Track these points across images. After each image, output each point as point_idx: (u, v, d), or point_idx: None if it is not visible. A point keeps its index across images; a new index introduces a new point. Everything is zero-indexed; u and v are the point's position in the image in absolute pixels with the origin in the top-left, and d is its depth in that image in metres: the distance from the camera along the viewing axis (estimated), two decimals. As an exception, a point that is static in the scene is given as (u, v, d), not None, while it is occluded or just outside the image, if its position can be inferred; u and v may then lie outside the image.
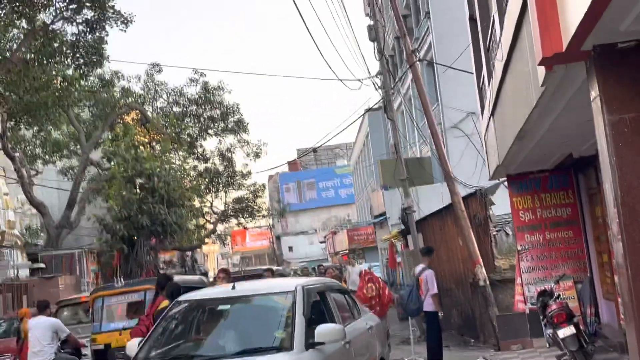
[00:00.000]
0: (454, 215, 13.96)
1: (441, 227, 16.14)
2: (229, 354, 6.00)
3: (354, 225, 49.51)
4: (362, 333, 7.75)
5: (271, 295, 6.95)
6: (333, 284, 8.31)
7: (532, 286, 11.33)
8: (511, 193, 11.75)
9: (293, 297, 6.52)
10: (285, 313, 6.45)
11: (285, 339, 6.05)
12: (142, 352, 6.35)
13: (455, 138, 21.88)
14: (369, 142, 41.16)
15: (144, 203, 19.95)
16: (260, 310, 6.87)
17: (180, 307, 7.03)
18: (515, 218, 11.69)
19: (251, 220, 34.45)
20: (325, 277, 12.59)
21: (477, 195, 13.71)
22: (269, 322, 6.59)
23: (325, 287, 7.55)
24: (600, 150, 4.67)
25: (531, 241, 11.53)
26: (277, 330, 6.29)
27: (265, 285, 7.80)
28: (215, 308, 7.14)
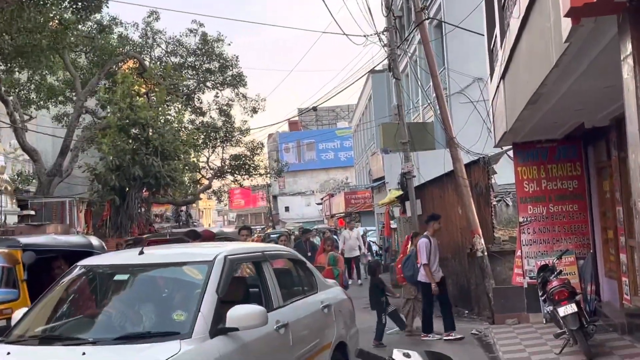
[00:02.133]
0: (455, 183, 13.71)
1: (441, 194, 15.86)
2: (107, 339, 4.81)
3: (351, 189, 49.32)
4: (311, 313, 6.68)
5: (182, 266, 5.63)
6: (278, 252, 7.25)
7: (532, 260, 11.08)
8: (516, 162, 11.43)
9: (208, 270, 5.34)
10: (194, 289, 5.25)
11: (185, 323, 4.87)
12: (19, 326, 5.31)
13: (461, 104, 21.49)
14: (371, 104, 40.71)
15: (137, 154, 19.54)
16: (165, 284, 5.71)
17: (73, 274, 5.86)
18: (519, 188, 11.38)
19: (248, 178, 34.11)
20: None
21: (480, 163, 13.44)
22: (171, 300, 5.42)
23: (263, 257, 6.32)
24: (628, 117, 4.20)
25: (534, 213, 11.24)
26: (177, 311, 5.11)
27: (179, 253, 6.27)
28: (112, 278, 5.89)
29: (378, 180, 30.59)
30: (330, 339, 6.92)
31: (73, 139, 22.81)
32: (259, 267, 6.18)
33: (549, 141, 11.14)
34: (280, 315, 5.89)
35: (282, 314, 5.94)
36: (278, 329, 5.71)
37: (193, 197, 31.57)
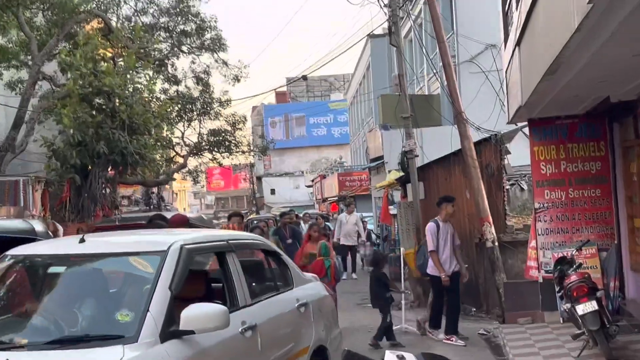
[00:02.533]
0: (463, 164, 13.74)
1: (447, 176, 15.90)
2: (37, 343, 4.55)
3: (346, 169, 49.35)
4: (285, 313, 6.55)
5: (130, 257, 5.34)
6: (247, 242, 6.97)
7: (549, 251, 11.14)
8: (532, 141, 11.47)
9: (160, 261, 5.09)
10: (143, 285, 5.02)
11: (130, 325, 4.63)
12: None
13: (471, 74, 21.53)
14: (370, 74, 40.65)
15: (101, 127, 19.38)
16: (108, 279, 5.46)
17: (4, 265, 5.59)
18: (535, 171, 11.42)
19: (228, 157, 34.01)
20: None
21: (492, 141, 13.47)
22: (115, 297, 5.18)
23: (227, 247, 6.07)
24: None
25: (551, 199, 11.29)
26: (121, 310, 4.84)
27: (127, 241, 5.95)
28: (46, 271, 5.59)
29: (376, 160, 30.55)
30: (307, 343, 6.76)
31: (28, 110, 22.65)
32: (223, 258, 5.94)
33: (570, 117, 11.16)
34: (247, 315, 5.73)
35: (250, 314, 5.78)
36: (244, 332, 5.53)
37: (166, 177, 31.48)
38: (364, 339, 11.42)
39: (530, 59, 8.17)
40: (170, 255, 5.18)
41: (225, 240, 6.23)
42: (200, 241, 5.85)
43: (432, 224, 11.51)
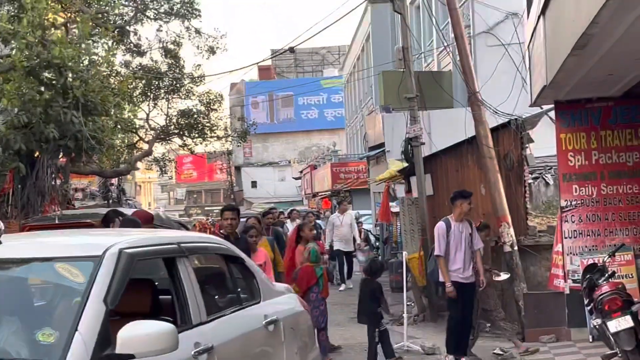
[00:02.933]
0: (477, 153, 13.77)
1: (458, 167, 15.92)
2: None
3: (341, 159, 49.36)
4: (249, 332, 6.36)
5: (56, 262, 5.03)
6: (203, 245, 6.73)
7: (577, 257, 11.20)
8: (559, 127, 11.50)
9: (94, 268, 4.87)
10: (72, 297, 4.77)
11: (54, 347, 4.41)
12: None
13: (488, 48, 21.53)
14: (370, 47, 40.65)
15: (51, 106, 19.29)
16: (29, 290, 5.24)
17: None
18: (562, 162, 11.46)
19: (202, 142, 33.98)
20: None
21: (512, 127, 13.51)
22: (37, 313, 4.98)
23: (179, 251, 5.84)
24: None
25: (581, 195, 11.34)
26: (43, 329, 4.59)
27: (55, 244, 5.67)
28: None
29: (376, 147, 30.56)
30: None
31: (-36, 85, 22.57)
32: (173, 265, 5.72)
33: (603, 100, 11.20)
34: (202, 335, 5.54)
35: (205, 334, 5.59)
36: (197, 356, 5.32)
37: (127, 167, 31.43)
38: (360, 358, 11.44)
39: (557, 31, 8.19)
40: (107, 261, 4.94)
41: (176, 243, 5.95)
42: (145, 244, 5.59)
43: (442, 224, 11.46)
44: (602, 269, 9.59)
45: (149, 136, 33.05)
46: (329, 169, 45.54)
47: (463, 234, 11.27)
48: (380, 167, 29.53)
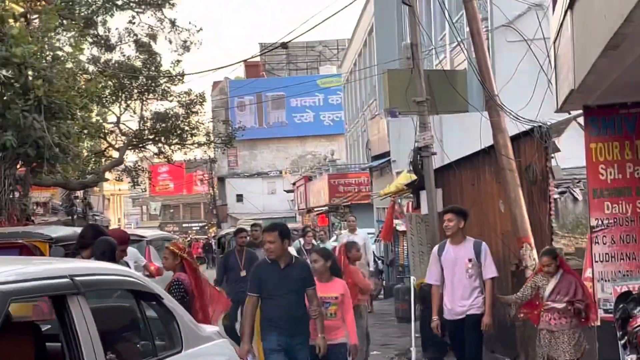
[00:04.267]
0: (496, 165, 13.78)
1: (473, 181, 15.96)
2: None
3: (340, 169, 49.38)
4: None
5: None
6: (107, 279, 6.05)
7: (609, 284, 11.19)
8: (589, 136, 11.51)
9: None
10: None
11: None
12: None
13: (508, 43, 21.55)
14: (373, 41, 40.74)
15: (9, 109, 19.40)
16: None
17: None
18: (592, 175, 11.48)
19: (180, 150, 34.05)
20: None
21: (535, 135, 13.48)
22: None
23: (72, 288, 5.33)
24: None
25: (614, 214, 11.34)
26: None
27: None
28: None
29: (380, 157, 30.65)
30: None
31: None
32: (63, 305, 5.21)
33: (639, 105, 11.23)
34: None
35: None
36: None
37: (95, 177, 31.47)
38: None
39: (586, 28, 8.21)
40: None
41: (68, 277, 5.35)
42: (26, 278, 5.07)
43: (435, 247, 11.60)
44: (637, 297, 9.63)
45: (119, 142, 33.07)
46: (325, 181, 45.52)
47: (458, 260, 11.14)
48: (385, 179, 29.58)
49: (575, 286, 10.56)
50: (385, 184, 26.70)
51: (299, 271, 9.68)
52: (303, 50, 77.66)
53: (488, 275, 11.09)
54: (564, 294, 10.22)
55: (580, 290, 10.57)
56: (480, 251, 11.14)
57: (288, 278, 9.54)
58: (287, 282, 9.54)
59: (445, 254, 11.25)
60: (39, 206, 36.15)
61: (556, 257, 10.66)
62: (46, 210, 39.00)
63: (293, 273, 9.58)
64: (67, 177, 27.33)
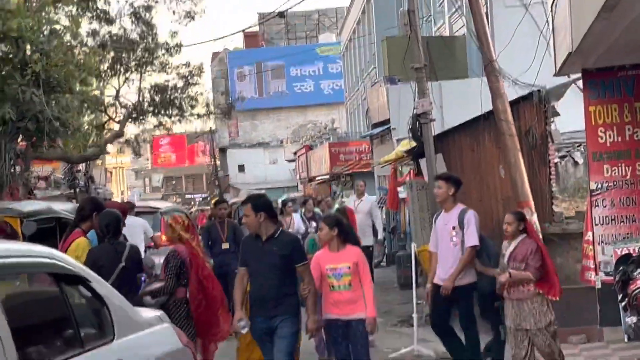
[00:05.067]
0: (495, 130, 13.75)
1: (473, 147, 15.94)
2: None
3: (340, 138, 49.36)
4: None
5: None
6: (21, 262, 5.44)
7: (609, 247, 11.21)
8: (588, 99, 11.51)
9: None
10: None
11: None
12: None
13: (507, 9, 21.53)
14: (371, 8, 40.60)
15: (7, 84, 19.38)
16: None
17: None
18: (591, 139, 11.48)
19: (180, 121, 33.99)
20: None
21: (534, 99, 13.45)
22: None
23: None
24: None
25: (613, 176, 11.35)
26: None
27: None
28: None
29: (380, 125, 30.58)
30: None
31: None
32: None
33: (638, 67, 11.19)
34: None
35: None
36: None
37: (96, 150, 31.47)
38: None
39: (583, -10, 8.19)
40: None
41: None
42: None
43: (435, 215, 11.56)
44: (637, 259, 9.64)
45: (119, 115, 33.03)
46: (326, 150, 45.49)
47: (446, 226, 11.03)
48: (386, 147, 29.55)
49: (530, 252, 9.84)
50: (386, 152, 26.68)
51: (281, 246, 8.86)
52: (302, 19, 77.35)
53: (467, 243, 10.80)
54: (520, 260, 9.70)
55: (535, 258, 9.82)
56: (464, 219, 10.88)
57: (267, 254, 8.84)
58: (266, 258, 8.85)
59: (438, 221, 11.21)
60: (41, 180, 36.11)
61: (520, 220, 10.14)
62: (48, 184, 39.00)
63: (274, 248, 8.82)
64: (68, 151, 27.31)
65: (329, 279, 9.34)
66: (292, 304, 8.93)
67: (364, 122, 41.58)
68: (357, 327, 9.26)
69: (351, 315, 9.28)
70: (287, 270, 8.85)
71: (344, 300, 9.29)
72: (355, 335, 9.29)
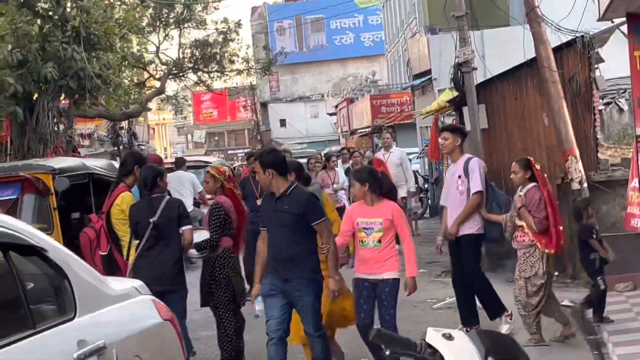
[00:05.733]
0: (538, 78, 13.66)
1: (516, 95, 15.83)
2: None
3: (381, 90, 49.23)
4: None
5: None
6: None
7: (656, 193, 11.10)
8: (633, 43, 11.33)
9: None
10: None
11: None
12: None
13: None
14: (411, -43, 40.27)
15: (48, 42, 19.45)
16: None
17: None
18: (637, 85, 11.29)
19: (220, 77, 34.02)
20: None
21: (577, 45, 13.32)
22: None
23: None
24: None
25: (659, 122, 11.21)
26: None
27: None
28: None
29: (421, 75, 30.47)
30: None
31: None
32: None
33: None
34: None
35: None
36: None
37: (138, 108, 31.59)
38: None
39: None
40: None
41: None
42: None
43: None
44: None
45: (160, 72, 33.14)
46: (368, 102, 45.44)
47: (453, 177, 10.86)
48: (427, 97, 29.45)
49: (535, 202, 9.70)
50: (428, 103, 26.57)
51: (294, 204, 8.31)
52: (342, -29, 76.93)
53: (472, 189, 10.59)
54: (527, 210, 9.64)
55: (538, 208, 9.67)
56: (468, 167, 10.65)
57: (278, 212, 8.36)
58: (277, 216, 8.38)
59: (447, 173, 11.13)
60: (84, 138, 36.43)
61: (527, 168, 9.93)
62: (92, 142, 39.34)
63: (285, 206, 8.30)
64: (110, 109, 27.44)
65: (359, 233, 8.86)
66: (309, 267, 8.40)
67: (404, 73, 41.39)
68: (383, 288, 8.70)
69: (378, 275, 8.72)
70: (301, 230, 8.34)
71: (372, 258, 8.76)
72: (381, 297, 8.73)
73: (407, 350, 3.43)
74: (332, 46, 74.60)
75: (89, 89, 20.33)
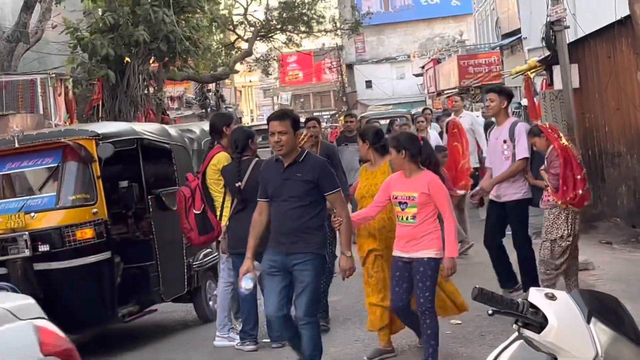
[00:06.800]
0: (632, 36, 13.42)
1: (610, 54, 15.64)
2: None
3: (469, 50, 48.77)
4: None
5: None
6: None
7: None
8: None
9: None
10: None
11: None
12: None
13: None
14: None
15: (139, 5, 19.72)
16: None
17: None
18: None
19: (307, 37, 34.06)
20: None
21: (674, 2, 13.05)
22: None
23: None
24: None
25: None
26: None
27: None
28: None
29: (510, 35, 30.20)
30: None
31: (43, -15, 23.07)
32: None
33: None
34: None
35: None
36: None
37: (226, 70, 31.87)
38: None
39: None
40: None
41: None
42: None
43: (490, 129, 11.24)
44: None
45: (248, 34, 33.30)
46: (455, 63, 45.05)
47: (498, 141, 10.56)
48: (516, 57, 29.18)
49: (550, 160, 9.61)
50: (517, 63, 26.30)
51: (305, 171, 7.62)
52: None
53: (518, 155, 10.25)
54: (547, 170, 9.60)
55: (554, 165, 9.54)
56: (514, 132, 10.32)
57: (288, 180, 7.65)
58: (286, 185, 7.66)
59: (491, 135, 10.88)
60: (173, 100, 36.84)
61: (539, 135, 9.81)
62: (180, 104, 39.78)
63: (296, 174, 7.62)
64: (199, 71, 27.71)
65: (395, 207, 8.15)
66: (316, 241, 7.69)
67: (493, 33, 41.03)
68: (417, 267, 7.93)
69: (412, 254, 7.96)
70: (311, 201, 7.68)
71: (407, 235, 8.01)
72: (416, 278, 7.95)
73: (510, 310, 3.45)
74: (418, 6, 73.96)
75: (179, 51, 20.58)
